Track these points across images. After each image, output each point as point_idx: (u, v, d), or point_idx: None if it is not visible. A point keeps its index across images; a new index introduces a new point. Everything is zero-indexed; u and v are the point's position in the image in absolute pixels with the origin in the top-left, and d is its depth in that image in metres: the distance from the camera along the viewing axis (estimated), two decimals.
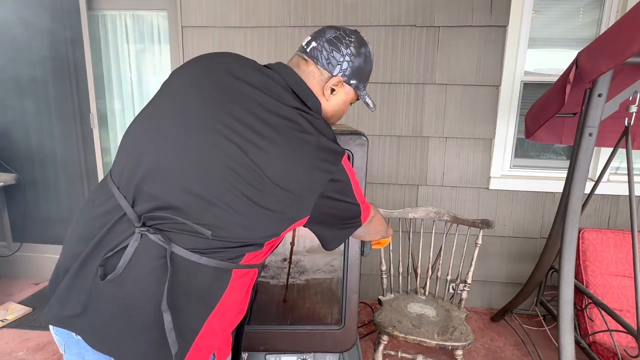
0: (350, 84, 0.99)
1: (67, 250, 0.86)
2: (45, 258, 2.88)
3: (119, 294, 0.78)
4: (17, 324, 2.32)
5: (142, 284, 0.78)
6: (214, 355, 0.91)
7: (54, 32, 2.65)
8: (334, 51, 0.94)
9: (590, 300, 1.82)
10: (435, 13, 2.29)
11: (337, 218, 0.95)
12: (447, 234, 1.97)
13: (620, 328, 1.61)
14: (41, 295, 2.66)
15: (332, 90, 0.97)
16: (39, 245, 2.90)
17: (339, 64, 0.95)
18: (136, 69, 2.79)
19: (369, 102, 1.06)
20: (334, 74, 0.95)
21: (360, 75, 0.99)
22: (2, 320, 2.32)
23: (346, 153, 0.91)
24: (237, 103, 0.82)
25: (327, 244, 1.02)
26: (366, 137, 1.39)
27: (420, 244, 2.01)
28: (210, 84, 0.84)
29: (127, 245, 0.78)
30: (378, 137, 2.47)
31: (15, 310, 2.42)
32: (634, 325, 1.48)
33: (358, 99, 1.05)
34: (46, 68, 2.71)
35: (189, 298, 0.80)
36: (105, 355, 0.82)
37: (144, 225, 0.79)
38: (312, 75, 0.95)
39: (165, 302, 0.76)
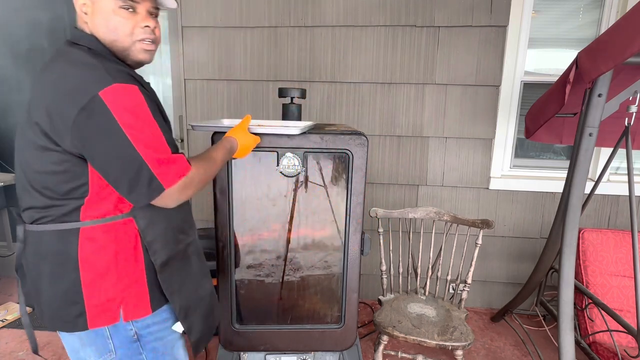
0: None
1: None
2: None
3: (30, 278, 0.99)
4: (17, 324, 2.32)
5: (32, 265, 0.97)
6: (122, 311, 0.97)
7: (54, 32, 2.65)
8: None
9: (590, 300, 1.82)
10: (435, 13, 2.29)
11: (112, 165, 0.86)
12: (447, 234, 1.97)
13: (620, 328, 1.61)
14: None
15: (85, 12, 0.93)
16: None
17: None
18: None
19: None
20: None
21: None
22: (2, 320, 2.32)
23: (121, 85, 0.84)
24: (33, 92, 0.90)
25: (125, 196, 0.90)
26: (366, 137, 1.39)
27: (420, 244, 2.01)
28: (32, 87, 0.91)
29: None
30: (378, 137, 2.47)
31: (15, 310, 2.42)
32: (634, 325, 1.48)
33: (132, 1, 0.93)
34: None
35: (51, 264, 0.93)
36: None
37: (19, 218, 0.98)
38: (77, 14, 0.95)
39: (22, 269, 1.00)
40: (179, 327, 1.06)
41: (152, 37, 0.97)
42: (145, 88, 0.94)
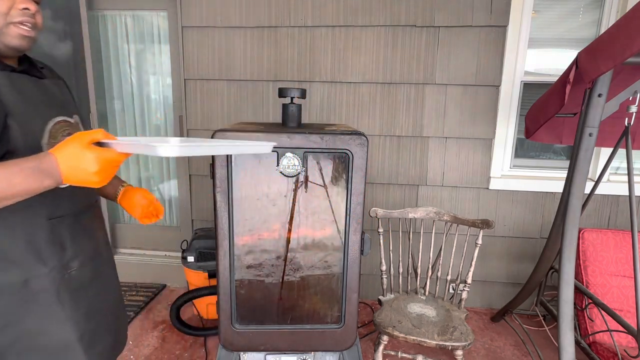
0: None
1: None
2: None
3: None
4: None
5: None
6: None
7: (54, 32, 2.65)
8: None
9: (590, 300, 1.82)
10: (435, 13, 2.29)
11: None
12: (447, 234, 1.97)
13: (620, 328, 1.61)
14: None
15: None
16: None
17: None
18: (136, 69, 2.79)
19: None
20: None
21: None
22: None
23: None
24: None
25: None
26: (366, 137, 1.39)
27: (420, 244, 2.01)
28: None
29: None
30: (378, 137, 2.47)
31: None
32: (634, 325, 1.48)
33: None
34: None
35: None
36: None
37: None
38: None
39: None
40: None
41: (32, 22, 0.87)
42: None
